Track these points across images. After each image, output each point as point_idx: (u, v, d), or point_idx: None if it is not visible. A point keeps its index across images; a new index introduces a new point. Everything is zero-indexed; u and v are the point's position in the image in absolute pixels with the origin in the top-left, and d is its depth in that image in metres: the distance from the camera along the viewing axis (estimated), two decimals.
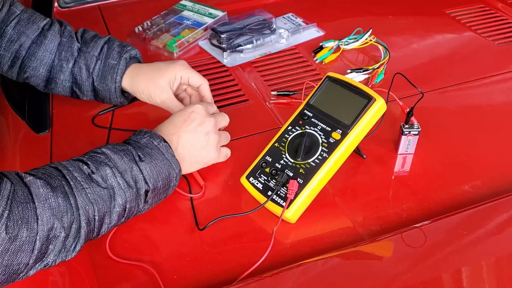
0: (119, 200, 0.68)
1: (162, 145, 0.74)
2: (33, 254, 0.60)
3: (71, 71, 0.90)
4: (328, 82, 0.80)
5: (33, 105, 0.97)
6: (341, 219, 0.75)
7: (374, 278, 0.64)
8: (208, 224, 0.73)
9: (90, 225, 0.65)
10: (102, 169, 0.67)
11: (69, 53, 0.90)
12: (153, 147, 0.73)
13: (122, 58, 0.90)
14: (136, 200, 0.70)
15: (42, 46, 0.89)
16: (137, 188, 0.70)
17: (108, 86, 0.90)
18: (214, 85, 1.03)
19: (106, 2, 1.31)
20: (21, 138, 0.92)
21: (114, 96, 0.91)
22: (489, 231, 0.71)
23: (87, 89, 0.91)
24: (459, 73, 1.06)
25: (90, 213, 0.65)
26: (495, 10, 1.29)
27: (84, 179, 0.66)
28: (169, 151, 0.74)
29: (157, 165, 0.72)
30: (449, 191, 0.79)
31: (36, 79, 0.91)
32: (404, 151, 0.85)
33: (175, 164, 0.74)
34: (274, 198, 0.74)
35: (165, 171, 0.72)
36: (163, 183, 0.73)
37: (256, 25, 1.16)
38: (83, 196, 0.64)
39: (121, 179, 0.68)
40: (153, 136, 0.74)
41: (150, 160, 0.71)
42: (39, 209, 0.60)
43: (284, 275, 0.65)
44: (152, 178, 0.71)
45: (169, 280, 0.67)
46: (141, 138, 0.74)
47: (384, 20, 1.26)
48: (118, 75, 0.89)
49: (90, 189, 0.65)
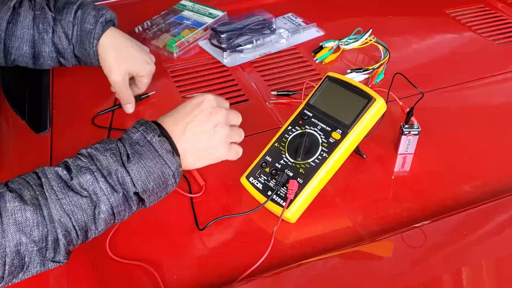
0: (102, 207, 0.64)
1: (155, 140, 0.68)
2: (5, 268, 0.58)
3: (52, 41, 0.91)
4: (328, 82, 0.80)
5: (33, 105, 0.97)
6: (341, 219, 0.75)
7: (374, 278, 0.65)
8: (208, 224, 0.73)
9: (69, 235, 0.62)
10: (82, 175, 0.63)
11: (46, 24, 0.90)
12: (145, 143, 0.68)
13: (98, 23, 0.91)
14: (126, 203, 0.66)
15: (18, 24, 0.89)
16: (125, 191, 0.65)
17: (87, 51, 0.91)
18: (214, 85, 1.03)
19: (106, 2, 1.31)
20: (21, 138, 0.91)
21: (95, 60, 0.93)
22: (489, 231, 0.71)
23: (70, 56, 0.93)
24: (459, 73, 1.06)
25: (67, 224, 0.62)
26: (495, 10, 1.29)
27: (61, 188, 0.62)
28: (163, 147, 0.68)
29: (147, 164, 0.66)
30: (449, 191, 0.79)
31: (23, 58, 0.92)
32: (404, 151, 0.85)
33: (171, 161, 0.68)
34: (274, 198, 0.74)
35: (157, 170, 0.67)
36: (156, 183, 0.67)
37: (256, 25, 1.16)
38: (57, 208, 0.61)
39: (104, 184, 0.64)
40: (147, 130, 0.69)
41: (139, 160, 0.66)
42: (4, 224, 0.58)
43: (284, 275, 0.65)
44: (140, 180, 0.66)
45: (169, 280, 0.67)
46: (135, 132, 0.69)
47: (384, 20, 1.26)
48: (95, 39, 0.91)
49: (66, 199, 0.62)
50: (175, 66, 1.09)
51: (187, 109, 0.74)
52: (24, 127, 0.92)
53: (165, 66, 1.09)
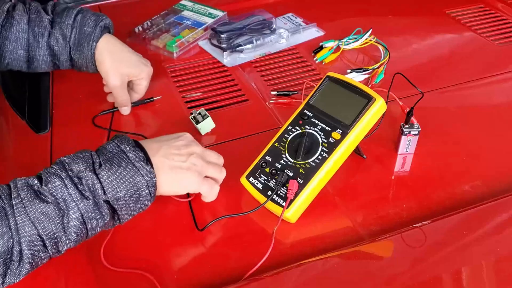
0: (72, 214, 0.61)
1: (129, 149, 0.66)
2: None
3: (47, 44, 0.91)
4: (328, 82, 0.80)
5: (33, 105, 0.97)
6: (341, 219, 0.75)
7: (374, 278, 0.65)
8: (208, 224, 0.73)
9: (35, 247, 0.60)
10: (51, 182, 0.62)
11: (41, 27, 0.90)
12: (118, 152, 0.66)
13: (98, 26, 0.91)
14: (97, 211, 0.63)
15: (13, 27, 0.89)
16: (95, 198, 0.63)
17: (84, 54, 0.91)
18: (214, 85, 1.03)
19: (106, 2, 1.31)
20: (21, 138, 0.92)
21: (91, 64, 0.93)
22: (489, 231, 0.71)
23: (65, 59, 0.93)
24: (459, 73, 1.06)
25: (32, 233, 0.60)
26: (495, 10, 1.29)
27: (27, 196, 0.61)
28: (137, 156, 0.66)
29: (118, 171, 0.64)
30: (449, 191, 0.79)
31: (17, 62, 0.91)
32: (404, 151, 0.85)
33: (144, 169, 0.66)
34: (274, 198, 0.74)
35: (129, 178, 0.65)
36: (128, 192, 0.65)
37: (256, 25, 1.16)
38: (22, 216, 0.59)
39: (74, 190, 0.62)
40: (122, 140, 0.68)
41: (110, 166, 0.64)
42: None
43: (284, 275, 0.65)
44: (111, 187, 0.64)
45: (169, 281, 0.67)
46: (109, 143, 0.68)
47: (384, 20, 1.26)
48: (94, 42, 0.91)
49: (32, 207, 0.60)
50: (175, 66, 1.09)
51: (165, 136, 0.74)
52: (24, 127, 0.92)
53: (165, 66, 1.09)
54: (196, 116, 0.88)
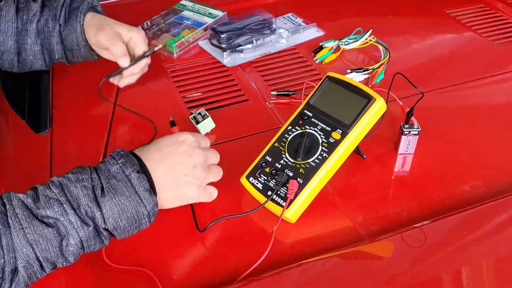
0: (71, 240, 0.61)
1: (133, 176, 0.64)
2: None
3: (36, 29, 0.90)
4: (328, 82, 0.80)
5: (33, 105, 0.97)
6: (341, 219, 0.75)
7: (374, 278, 0.65)
8: (208, 225, 0.73)
9: (31, 268, 0.59)
10: (50, 205, 0.60)
11: (30, 15, 0.90)
12: (122, 179, 0.64)
13: (85, 2, 0.93)
14: (97, 237, 0.63)
15: (1, 18, 0.89)
16: (96, 225, 0.62)
17: (74, 27, 0.91)
18: (214, 85, 1.03)
19: (106, 2, 1.31)
20: (21, 138, 0.91)
21: (81, 39, 0.92)
22: (489, 231, 0.71)
23: (56, 41, 0.92)
24: (459, 73, 1.06)
25: (29, 255, 0.58)
26: (495, 10, 1.29)
27: (25, 217, 0.59)
28: (142, 184, 0.64)
29: (121, 202, 0.63)
30: (449, 191, 0.79)
31: (8, 54, 0.91)
32: (404, 151, 0.85)
33: (148, 200, 0.65)
34: (274, 198, 0.74)
35: (132, 209, 0.64)
36: (128, 222, 0.64)
37: (256, 25, 1.16)
38: (20, 237, 0.58)
39: (73, 216, 0.61)
40: (126, 164, 0.65)
41: (113, 196, 0.63)
42: None
43: (284, 275, 0.65)
44: (112, 217, 0.63)
45: (169, 280, 0.67)
46: (113, 164, 0.66)
47: (384, 20, 1.26)
48: (82, 14, 0.91)
49: (30, 228, 0.59)
50: (175, 66, 1.09)
51: (167, 143, 0.71)
52: (24, 127, 0.92)
53: (165, 66, 1.09)
54: (196, 116, 0.88)
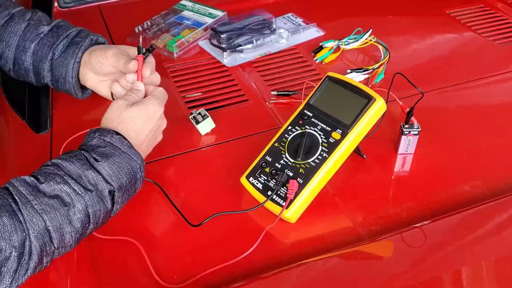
0: (78, 205, 0.64)
1: (115, 138, 0.71)
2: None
3: (33, 49, 0.89)
4: (328, 82, 0.80)
5: (33, 105, 0.97)
6: (341, 219, 0.75)
7: (374, 278, 0.65)
8: (204, 221, 0.72)
9: (42, 238, 0.61)
10: (50, 179, 0.64)
11: (34, 34, 0.90)
12: (106, 145, 0.70)
13: (88, 38, 0.90)
14: (101, 202, 0.67)
15: (8, 28, 0.89)
16: (98, 190, 0.66)
17: (67, 61, 0.88)
18: (214, 85, 1.03)
19: (106, 2, 1.31)
20: (21, 138, 0.91)
21: (70, 74, 0.88)
22: (489, 231, 0.71)
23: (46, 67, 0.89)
24: (459, 73, 1.06)
25: (39, 225, 0.61)
26: (495, 10, 1.29)
27: (30, 192, 0.62)
28: (124, 143, 0.71)
29: (116, 161, 0.69)
30: (449, 191, 0.79)
31: (4, 62, 0.91)
32: (404, 151, 0.85)
33: (135, 154, 0.71)
34: (274, 198, 0.74)
35: (126, 165, 0.70)
36: (128, 178, 0.70)
37: (256, 25, 1.16)
38: (29, 209, 0.61)
39: (76, 185, 0.65)
40: (103, 133, 0.71)
41: (107, 159, 0.68)
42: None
43: (284, 275, 0.65)
44: (114, 176, 0.68)
45: (169, 280, 0.67)
46: (91, 139, 0.71)
47: (384, 20, 1.26)
48: (80, 51, 0.88)
49: (37, 200, 0.62)
50: (175, 66, 1.09)
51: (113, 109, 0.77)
52: (24, 127, 0.92)
53: (165, 66, 1.09)
54: (196, 116, 0.88)
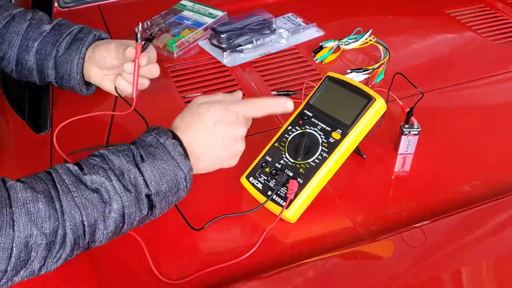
0: (114, 205, 0.63)
1: (169, 142, 0.68)
2: (10, 261, 0.57)
3: (36, 48, 0.89)
4: (328, 82, 0.80)
5: (33, 105, 0.97)
6: (341, 219, 0.75)
7: (374, 278, 0.65)
8: (206, 224, 0.73)
9: (77, 232, 0.61)
10: (95, 173, 0.63)
11: (36, 33, 0.90)
12: (158, 146, 0.67)
13: (91, 34, 0.90)
14: (137, 205, 0.65)
15: (10, 28, 0.89)
16: (137, 192, 0.65)
17: (71, 57, 0.88)
18: (214, 85, 1.03)
19: (106, 2, 1.31)
20: (21, 138, 0.91)
21: (74, 70, 0.89)
22: (489, 231, 0.71)
23: (50, 65, 0.90)
24: (459, 73, 1.06)
25: (76, 218, 0.60)
26: (495, 10, 1.29)
27: (72, 182, 0.62)
28: (176, 150, 0.68)
29: (161, 166, 0.66)
30: (449, 191, 0.79)
31: (7, 63, 0.91)
32: (404, 151, 0.85)
33: (184, 164, 0.68)
34: (274, 198, 0.74)
35: (170, 172, 0.67)
36: (168, 186, 0.67)
37: (256, 25, 1.16)
38: (69, 200, 0.60)
39: (117, 182, 0.64)
40: (160, 133, 0.69)
41: (153, 161, 0.66)
42: (15, 214, 0.57)
43: (284, 275, 0.65)
44: (154, 181, 0.65)
45: (169, 280, 0.67)
46: (148, 135, 0.69)
47: (384, 20, 1.26)
48: (84, 47, 0.88)
49: (78, 192, 0.61)
50: (175, 66, 1.09)
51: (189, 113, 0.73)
52: (24, 127, 0.92)
53: (165, 66, 1.09)
54: None
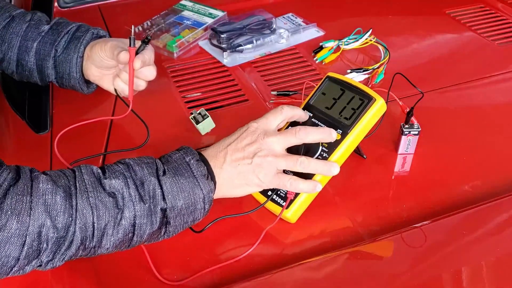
0: (126, 213, 0.63)
1: (193, 162, 0.68)
2: (23, 249, 0.58)
3: (35, 49, 0.90)
4: (328, 82, 0.80)
5: (33, 105, 0.97)
6: (341, 219, 0.75)
7: (374, 278, 0.65)
8: (206, 226, 0.72)
9: (86, 232, 0.61)
10: (115, 178, 0.64)
11: (35, 33, 0.90)
12: (182, 163, 0.67)
13: (89, 32, 0.90)
14: (149, 217, 0.64)
15: (10, 29, 0.90)
16: (153, 204, 0.64)
17: (70, 56, 0.89)
18: (214, 85, 1.03)
19: (106, 2, 1.31)
20: (21, 138, 0.91)
21: (74, 69, 0.89)
22: (489, 231, 0.71)
23: (49, 65, 0.90)
24: (459, 73, 1.06)
25: (87, 217, 0.61)
26: (495, 10, 1.29)
27: (91, 182, 0.63)
28: (200, 170, 0.67)
29: (180, 181, 0.66)
30: (449, 191, 0.79)
31: (7, 64, 0.92)
32: (404, 151, 0.85)
33: (204, 184, 0.67)
34: (274, 198, 0.74)
35: (189, 189, 0.66)
36: (185, 203, 0.66)
37: (256, 25, 1.16)
38: (84, 199, 0.61)
39: (134, 191, 0.64)
40: (187, 152, 0.69)
41: (173, 175, 0.66)
42: (33, 203, 0.59)
43: (284, 275, 0.65)
44: (171, 194, 0.65)
45: (169, 279, 0.67)
46: (175, 153, 0.70)
47: (384, 20, 1.26)
48: (82, 45, 0.89)
49: (94, 193, 0.62)
50: (175, 66, 1.09)
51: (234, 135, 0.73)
52: (24, 127, 0.92)
53: (165, 66, 1.09)
54: (196, 116, 0.88)
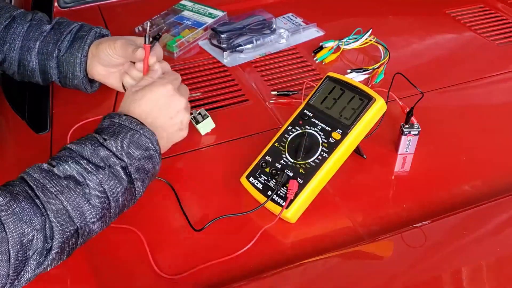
0: (91, 183, 0.65)
1: (123, 118, 0.73)
2: (10, 263, 0.58)
3: (38, 49, 0.90)
4: (328, 82, 0.80)
5: (33, 105, 0.97)
6: (341, 219, 0.75)
7: (374, 278, 0.65)
8: (206, 225, 0.73)
9: (62, 217, 0.62)
10: (64, 162, 0.66)
11: (37, 33, 0.90)
12: (115, 125, 0.72)
13: (92, 31, 0.90)
14: (115, 178, 0.67)
15: (11, 29, 0.90)
16: (111, 166, 0.67)
17: (74, 56, 0.89)
18: (214, 85, 1.03)
19: (106, 2, 1.31)
20: (21, 138, 0.91)
21: (78, 68, 0.89)
22: (489, 231, 0.71)
23: (52, 65, 0.90)
24: (459, 73, 1.06)
25: (57, 205, 0.62)
26: (495, 10, 1.29)
27: (43, 177, 0.64)
28: (132, 121, 0.72)
29: (124, 137, 0.70)
30: (449, 191, 0.79)
31: (9, 64, 0.92)
32: (404, 151, 0.85)
33: (144, 130, 0.72)
34: (274, 198, 0.74)
35: (136, 140, 0.70)
36: (139, 152, 0.70)
37: (256, 25, 1.16)
38: (44, 192, 0.62)
39: (87, 164, 0.66)
40: (112, 116, 0.74)
41: (115, 137, 0.70)
42: (3, 218, 0.58)
43: (284, 275, 0.65)
44: (123, 151, 0.69)
45: (169, 279, 0.67)
46: (102, 122, 0.74)
47: (384, 20, 1.26)
48: (85, 45, 0.89)
49: (51, 182, 0.63)
50: (175, 66, 1.09)
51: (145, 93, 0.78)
52: (24, 127, 0.92)
53: None
54: (196, 116, 0.88)
